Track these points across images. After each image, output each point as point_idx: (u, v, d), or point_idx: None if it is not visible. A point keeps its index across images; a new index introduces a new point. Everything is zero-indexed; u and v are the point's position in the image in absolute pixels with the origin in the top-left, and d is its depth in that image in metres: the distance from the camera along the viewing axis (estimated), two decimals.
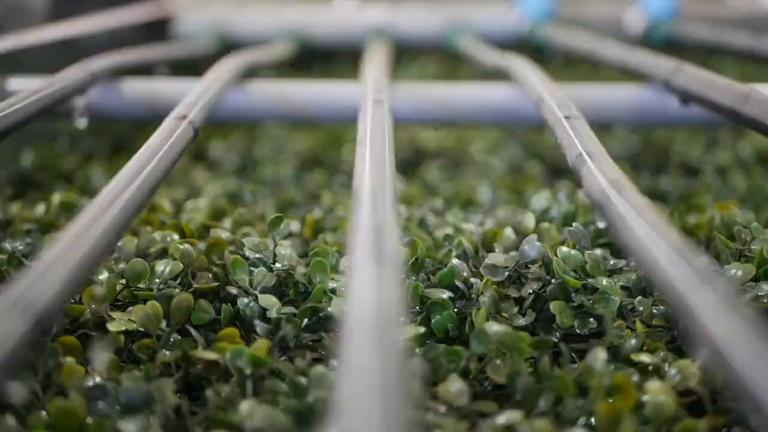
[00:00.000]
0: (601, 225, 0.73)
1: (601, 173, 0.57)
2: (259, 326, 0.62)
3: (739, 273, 0.65)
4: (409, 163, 1.24)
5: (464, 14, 1.93)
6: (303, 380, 0.55)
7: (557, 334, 0.66)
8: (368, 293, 0.39)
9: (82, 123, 1.02)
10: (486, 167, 1.24)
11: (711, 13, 2.14)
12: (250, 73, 1.19)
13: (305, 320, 0.64)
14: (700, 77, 0.86)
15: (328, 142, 1.33)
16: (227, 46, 1.80)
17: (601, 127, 1.34)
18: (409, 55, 2.01)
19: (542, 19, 1.89)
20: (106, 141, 1.32)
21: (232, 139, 1.35)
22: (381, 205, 0.51)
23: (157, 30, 1.92)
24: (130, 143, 1.27)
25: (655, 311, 0.65)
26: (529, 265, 0.68)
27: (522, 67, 1.02)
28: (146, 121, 1.09)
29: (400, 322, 0.37)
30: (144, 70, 1.25)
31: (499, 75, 1.16)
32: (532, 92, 0.87)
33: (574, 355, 0.61)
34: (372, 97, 0.79)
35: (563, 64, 1.91)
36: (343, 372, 0.33)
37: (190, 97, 0.80)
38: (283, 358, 0.61)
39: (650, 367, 0.58)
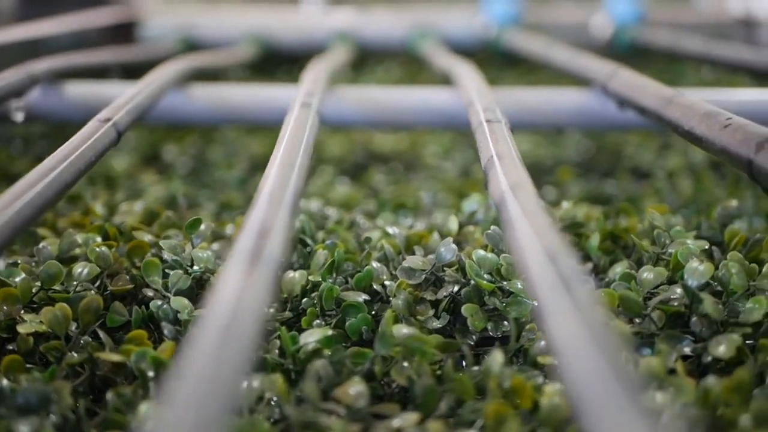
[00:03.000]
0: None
1: (504, 176, 0.57)
2: (167, 328, 0.62)
3: (651, 276, 0.65)
4: (360, 167, 1.24)
5: (429, 19, 1.94)
6: None
7: (473, 337, 0.66)
8: (229, 296, 0.38)
9: (19, 117, 1.02)
10: (438, 171, 1.24)
11: (678, 18, 2.15)
12: (201, 76, 1.20)
13: None
14: (633, 81, 0.87)
15: None
16: (191, 48, 1.81)
17: (558, 131, 1.35)
18: (375, 59, 2.02)
19: (507, 24, 1.90)
20: (59, 145, 1.31)
21: (186, 143, 1.35)
22: (275, 206, 0.51)
23: (122, 33, 1.92)
24: None
25: None
26: (446, 268, 0.69)
27: (463, 71, 1.02)
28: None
29: (257, 325, 0.37)
30: (99, 73, 1.25)
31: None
32: (465, 96, 0.87)
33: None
34: (301, 101, 0.79)
35: (532, 68, 1.91)
36: (177, 375, 0.33)
37: (119, 100, 0.80)
38: None
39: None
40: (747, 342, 0.61)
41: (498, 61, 1.93)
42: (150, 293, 0.67)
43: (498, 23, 1.90)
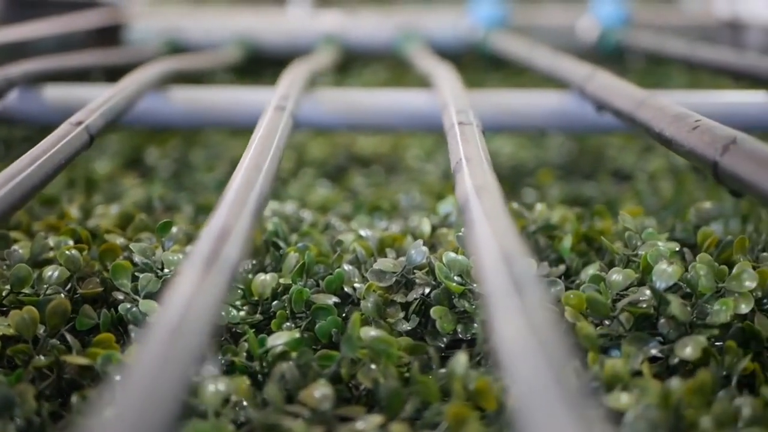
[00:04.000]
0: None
1: (471, 178, 0.57)
2: (134, 331, 0.62)
3: (619, 278, 0.65)
4: (342, 169, 1.24)
5: (416, 22, 1.94)
6: None
7: (444, 339, 0.66)
8: (181, 298, 0.38)
9: None
10: (419, 173, 1.24)
11: (665, 21, 2.15)
12: (186, 79, 1.20)
13: None
14: (608, 84, 0.87)
15: None
16: (177, 51, 1.81)
17: (541, 134, 1.35)
18: (362, 62, 2.02)
19: (494, 27, 1.90)
20: None
21: (168, 146, 1.35)
22: (237, 209, 0.51)
23: (109, 36, 1.92)
24: None
25: None
26: (416, 271, 0.69)
27: (441, 73, 1.02)
28: None
29: (207, 327, 0.37)
30: (83, 76, 1.25)
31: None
32: (440, 98, 0.87)
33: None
34: (274, 104, 0.79)
35: (519, 70, 1.91)
36: (123, 375, 0.33)
37: (93, 103, 0.80)
38: None
39: None
40: (717, 343, 0.61)
41: (485, 64, 1.93)
42: (120, 296, 0.67)
43: (484, 26, 1.90)
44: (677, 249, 0.71)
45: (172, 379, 0.32)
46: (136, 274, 0.68)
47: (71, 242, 0.74)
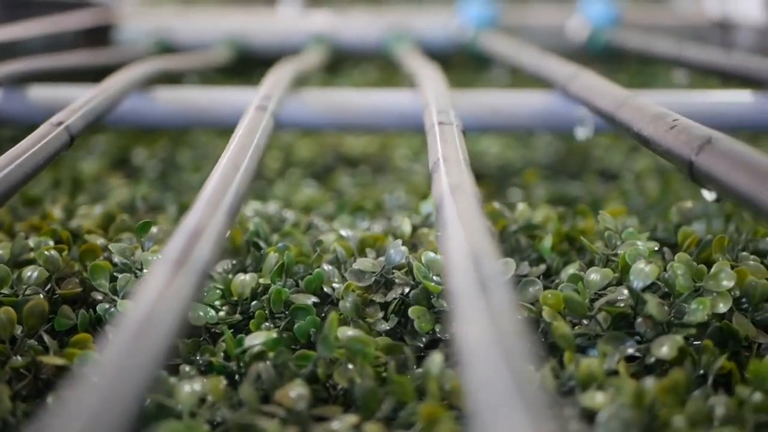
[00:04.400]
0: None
1: (447, 178, 0.57)
2: (112, 332, 0.62)
3: (597, 277, 0.65)
4: (329, 169, 1.24)
5: (406, 22, 1.94)
6: None
7: (423, 339, 0.66)
8: (148, 297, 0.39)
9: None
10: (407, 173, 1.24)
11: (656, 21, 2.15)
12: (176, 79, 1.20)
13: None
14: (591, 84, 0.87)
15: None
16: (167, 51, 1.80)
17: (529, 133, 1.35)
18: (352, 62, 2.02)
19: (484, 27, 1.90)
20: None
21: (156, 146, 1.35)
22: (212, 209, 0.51)
23: (99, 36, 1.92)
24: None
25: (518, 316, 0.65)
26: (396, 270, 0.69)
27: (426, 73, 1.02)
28: None
29: (173, 326, 0.37)
30: (72, 77, 1.25)
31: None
32: (423, 98, 0.88)
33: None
34: (256, 104, 0.79)
35: (510, 70, 1.91)
36: (84, 374, 0.33)
37: (74, 104, 0.80)
38: None
39: None
40: (696, 342, 0.61)
41: (474, 64, 1.93)
42: (99, 297, 0.67)
43: (474, 26, 1.91)
44: (656, 248, 0.71)
45: (133, 379, 0.32)
46: (116, 274, 0.68)
47: (51, 243, 0.74)
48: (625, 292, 0.64)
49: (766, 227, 0.79)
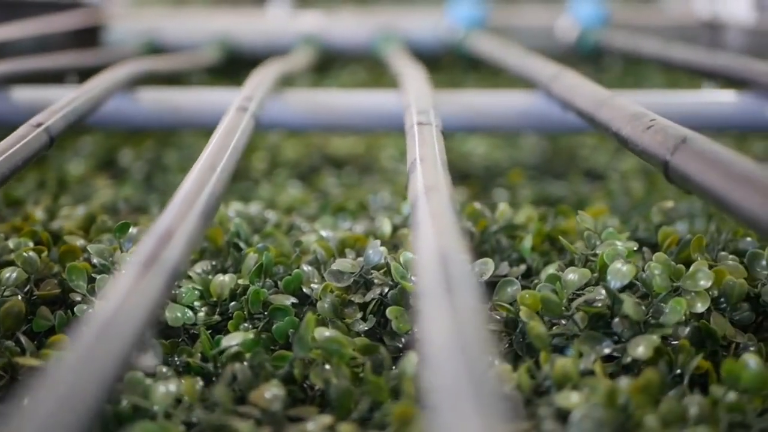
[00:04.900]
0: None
1: (423, 178, 0.57)
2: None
3: (575, 277, 0.65)
4: (315, 170, 1.24)
5: (395, 23, 1.94)
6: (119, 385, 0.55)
7: (402, 339, 0.66)
8: (114, 297, 0.38)
9: None
10: (393, 173, 1.24)
11: (645, 21, 2.16)
12: (166, 80, 1.19)
13: None
14: (573, 84, 0.87)
15: None
16: (155, 52, 1.80)
17: (516, 134, 1.36)
18: (342, 63, 2.02)
19: (473, 28, 1.90)
20: None
21: (143, 147, 1.35)
22: (185, 210, 0.51)
23: (88, 37, 1.92)
24: None
25: (497, 317, 0.66)
26: (374, 271, 0.69)
27: (409, 74, 1.02)
28: None
29: (139, 327, 0.37)
30: (60, 78, 1.24)
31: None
32: (405, 99, 0.88)
33: None
34: (237, 105, 0.79)
35: (498, 71, 1.91)
36: (44, 373, 0.33)
37: (55, 105, 0.80)
38: None
39: None
40: (673, 342, 0.62)
41: (463, 65, 1.93)
42: (78, 298, 0.67)
43: (463, 27, 1.91)
44: (636, 248, 0.71)
45: (93, 379, 0.32)
46: (95, 275, 0.68)
47: (31, 244, 0.74)
48: (603, 292, 0.64)
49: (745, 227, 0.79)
